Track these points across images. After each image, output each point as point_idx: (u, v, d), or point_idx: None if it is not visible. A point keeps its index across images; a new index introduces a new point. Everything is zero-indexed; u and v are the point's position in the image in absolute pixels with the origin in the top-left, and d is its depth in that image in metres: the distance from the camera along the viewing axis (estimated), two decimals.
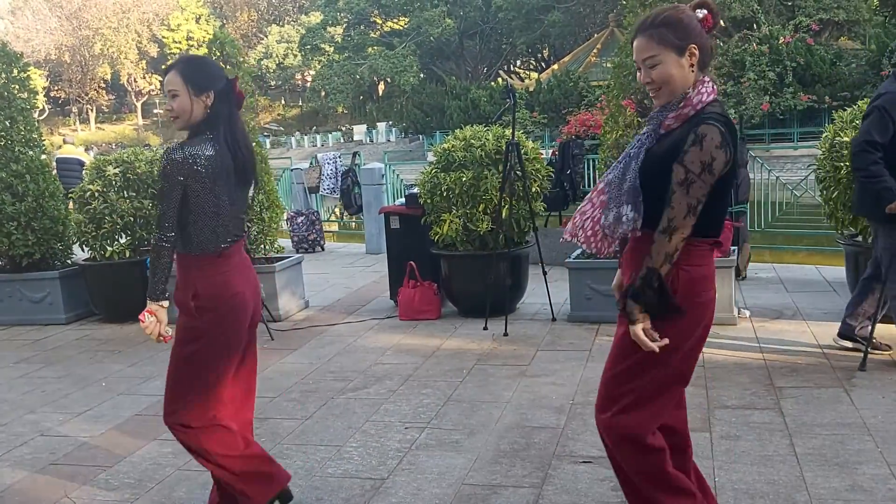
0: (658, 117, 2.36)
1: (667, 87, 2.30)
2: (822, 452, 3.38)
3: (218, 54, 6.66)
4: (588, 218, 2.43)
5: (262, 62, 57.39)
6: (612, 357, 2.43)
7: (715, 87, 2.34)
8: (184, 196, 2.71)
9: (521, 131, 6.71)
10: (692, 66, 2.30)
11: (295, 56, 56.96)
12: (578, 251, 6.27)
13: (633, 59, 2.37)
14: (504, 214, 5.88)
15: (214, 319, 2.78)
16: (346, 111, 55.79)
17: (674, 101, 2.31)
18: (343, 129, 50.69)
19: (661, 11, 2.31)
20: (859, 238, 5.43)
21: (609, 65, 6.62)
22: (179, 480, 3.52)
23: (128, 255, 6.75)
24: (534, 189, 6.23)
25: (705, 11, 2.32)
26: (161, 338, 2.76)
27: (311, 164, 11.61)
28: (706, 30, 2.32)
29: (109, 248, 6.75)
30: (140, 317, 2.75)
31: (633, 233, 2.32)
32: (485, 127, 6.44)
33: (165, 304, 2.75)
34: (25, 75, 6.92)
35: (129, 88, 63.60)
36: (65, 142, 13.35)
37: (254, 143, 6.59)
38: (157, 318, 2.74)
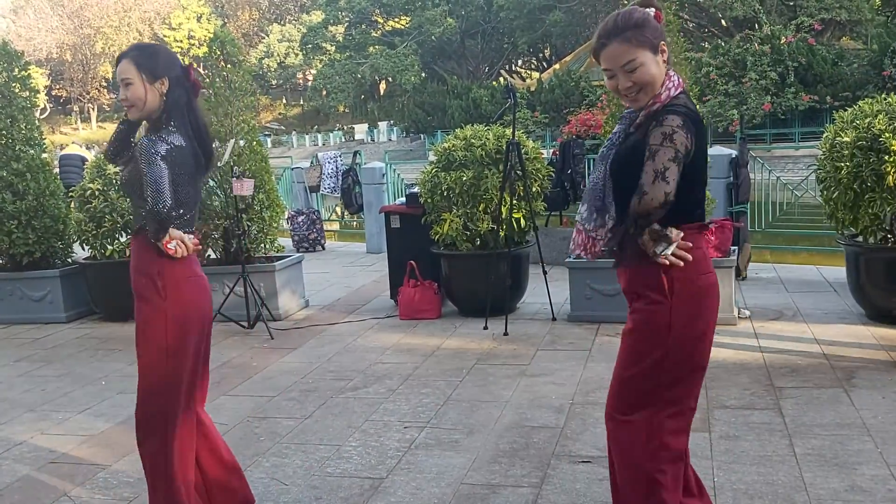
0: (630, 116, 2.36)
1: (648, 87, 2.27)
2: (822, 453, 3.37)
3: (219, 53, 6.66)
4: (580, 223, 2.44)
5: (263, 61, 57.42)
6: (622, 361, 2.40)
7: (681, 80, 2.34)
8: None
9: (522, 131, 6.71)
10: (665, 62, 2.30)
11: (296, 55, 56.97)
12: None
13: (605, 68, 2.28)
14: (504, 214, 5.88)
15: (176, 299, 2.68)
16: (347, 110, 55.77)
17: (647, 104, 2.29)
18: (344, 128, 50.69)
19: (625, 14, 2.27)
20: (859, 238, 5.43)
21: None
22: None
23: (128, 254, 6.74)
24: (534, 189, 6.23)
25: (653, 9, 2.32)
26: (193, 244, 2.69)
27: (311, 163, 11.60)
28: None
29: (110, 247, 6.76)
30: (167, 247, 2.62)
31: (602, 233, 2.36)
32: (485, 126, 6.44)
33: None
34: (26, 74, 6.92)
35: None
36: (73, 143, 13.43)
37: (254, 142, 6.70)
38: (173, 236, 2.64)
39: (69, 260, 7.13)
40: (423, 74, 48.74)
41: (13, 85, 6.80)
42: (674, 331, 2.28)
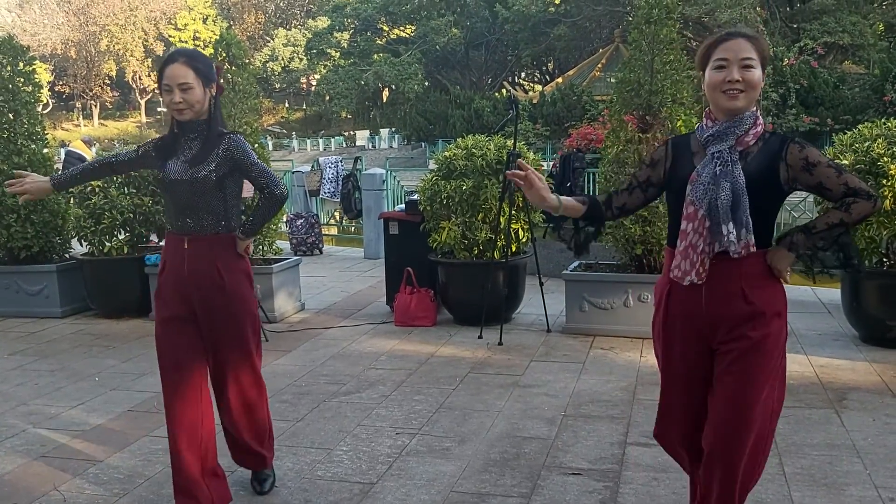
0: (730, 134, 2.38)
1: (751, 93, 2.35)
2: (811, 473, 3.38)
3: (224, 55, 6.70)
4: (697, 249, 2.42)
5: (267, 64, 57.52)
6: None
7: None
8: (228, 180, 2.98)
9: (523, 142, 6.73)
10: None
11: (301, 60, 57.09)
12: (576, 263, 6.28)
13: (723, 58, 2.34)
14: (503, 224, 5.90)
15: (248, 283, 3.07)
16: (349, 116, 55.87)
17: (745, 117, 2.37)
18: (346, 133, 50.77)
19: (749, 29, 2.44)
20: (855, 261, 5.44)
21: (612, 80, 6.66)
22: (169, 477, 3.51)
23: (126, 251, 6.76)
24: None
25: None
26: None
27: (312, 167, 11.65)
28: None
29: (108, 244, 6.76)
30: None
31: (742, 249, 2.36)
32: (487, 137, 6.47)
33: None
34: (31, 69, 6.95)
35: (134, 86, 63.72)
36: (80, 139, 13.41)
37: (256, 145, 6.73)
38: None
39: (67, 255, 7.14)
40: (427, 83, 48.80)
41: (17, 79, 6.83)
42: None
